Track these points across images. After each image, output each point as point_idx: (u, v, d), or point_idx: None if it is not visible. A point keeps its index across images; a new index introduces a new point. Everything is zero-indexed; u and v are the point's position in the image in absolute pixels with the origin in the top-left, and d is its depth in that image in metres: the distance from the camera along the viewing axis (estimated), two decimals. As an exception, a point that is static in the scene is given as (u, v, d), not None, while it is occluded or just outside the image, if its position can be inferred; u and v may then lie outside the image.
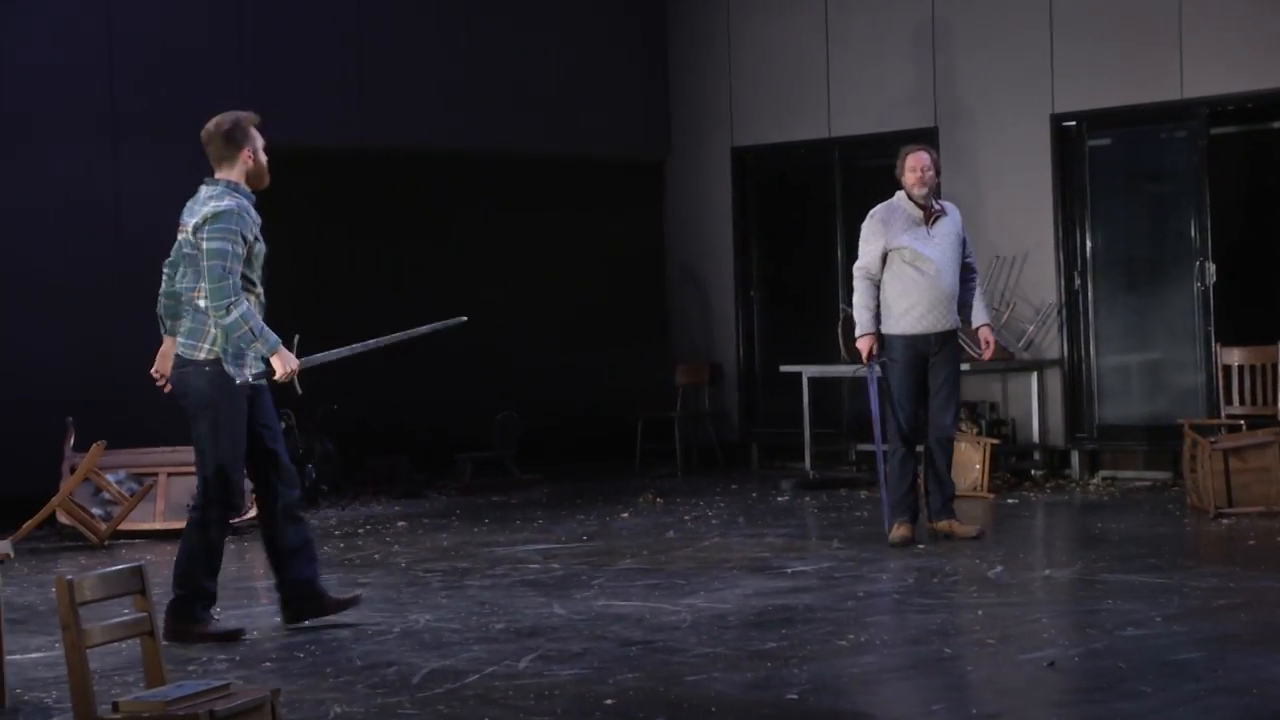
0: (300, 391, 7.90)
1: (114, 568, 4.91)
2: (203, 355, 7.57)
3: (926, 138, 13.92)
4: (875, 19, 14.23)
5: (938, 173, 10.00)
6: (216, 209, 7.56)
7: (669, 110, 15.43)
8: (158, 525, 11.40)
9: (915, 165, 9.87)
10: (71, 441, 11.46)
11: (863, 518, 11.26)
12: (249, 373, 7.62)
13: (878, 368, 9.89)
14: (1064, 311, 13.29)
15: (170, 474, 11.70)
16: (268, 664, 7.04)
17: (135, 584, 4.90)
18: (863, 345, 9.89)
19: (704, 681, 6.47)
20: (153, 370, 7.93)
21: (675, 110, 15.42)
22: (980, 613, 7.72)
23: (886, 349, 9.91)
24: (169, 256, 7.86)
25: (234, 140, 7.72)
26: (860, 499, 12.29)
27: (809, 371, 13.66)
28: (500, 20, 14.45)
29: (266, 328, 7.57)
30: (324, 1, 13.54)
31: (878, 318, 9.87)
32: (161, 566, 9.85)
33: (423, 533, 11.19)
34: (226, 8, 13.02)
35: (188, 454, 11.79)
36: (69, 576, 4.64)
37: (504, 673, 6.71)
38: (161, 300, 7.85)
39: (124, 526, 11.21)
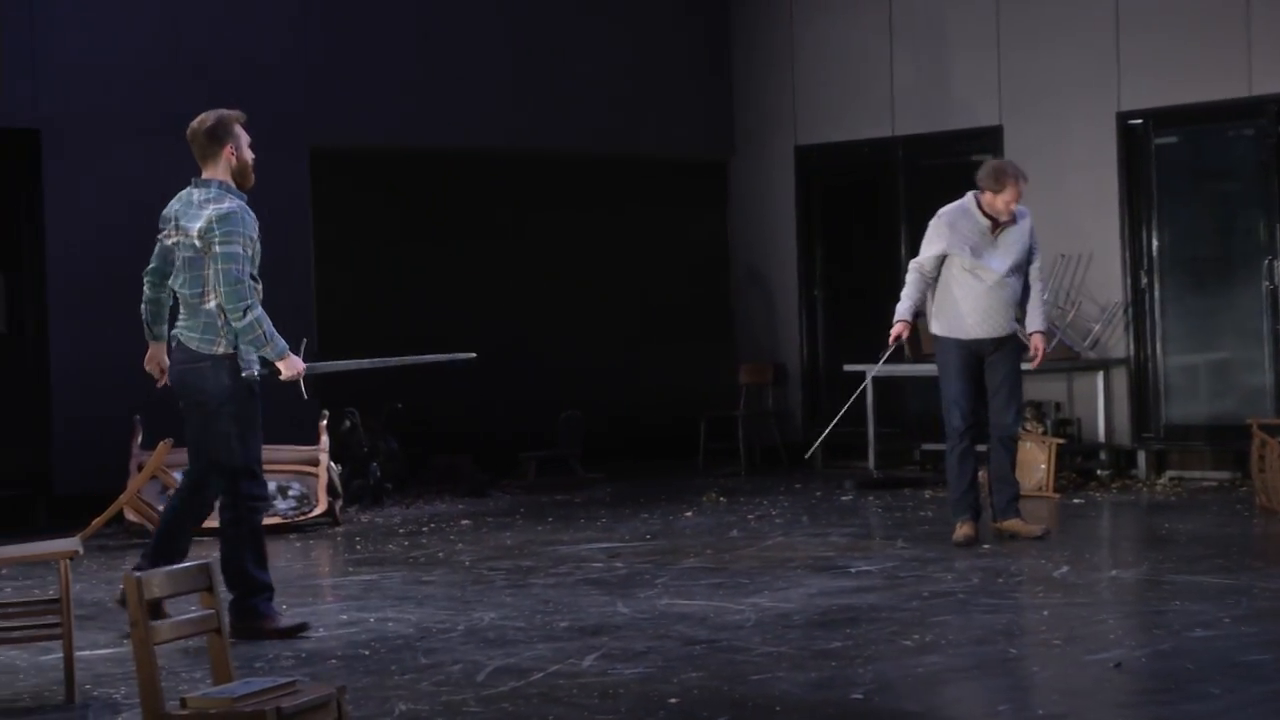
0: (305, 396, 8.07)
1: (182, 565, 4.95)
2: (221, 350, 7.63)
3: (990, 136, 13.86)
4: (940, 16, 14.17)
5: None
6: (220, 211, 7.61)
7: (732, 110, 15.41)
8: (224, 523, 11.46)
9: (1006, 199, 9.84)
10: (139, 439, 11.54)
11: (927, 517, 11.22)
12: (256, 369, 7.70)
13: (907, 354, 10.31)
14: (1130, 310, 13.20)
15: (236, 472, 11.75)
16: (333, 661, 7.08)
17: (202, 581, 4.94)
18: (895, 329, 9.98)
19: (768, 681, 6.46)
20: (152, 369, 7.96)
21: (738, 110, 15.40)
22: (1046, 613, 7.68)
23: (941, 350, 9.96)
24: (150, 264, 7.90)
25: (216, 137, 7.73)
26: (925, 498, 12.25)
27: (873, 371, 13.60)
28: (562, 20, 14.46)
29: (275, 332, 7.68)
30: (386, 2, 13.58)
31: (916, 311, 9.96)
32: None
33: (487, 531, 11.21)
34: (290, 8, 13.08)
35: (253, 452, 11.94)
36: (137, 574, 4.68)
37: (568, 671, 6.72)
38: (146, 307, 7.90)
39: (191, 524, 11.26)
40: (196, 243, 7.60)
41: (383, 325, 14.21)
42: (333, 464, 11.92)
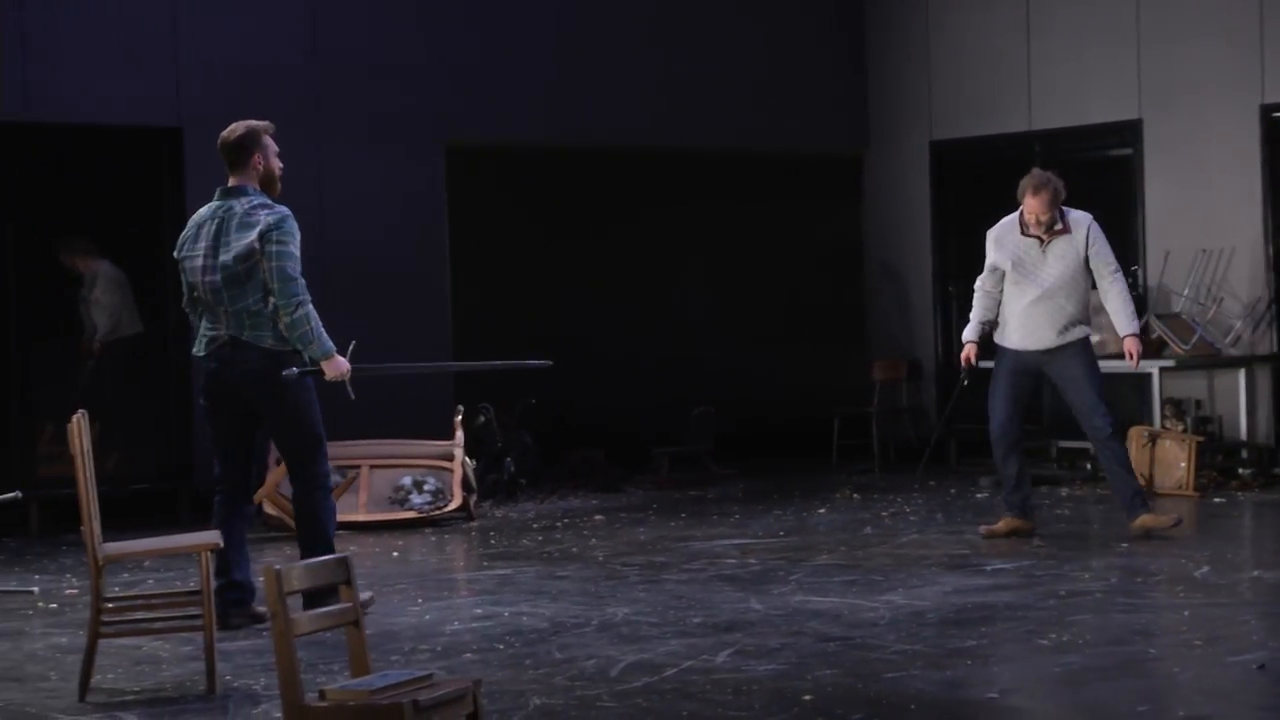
0: (352, 396, 8.25)
1: (321, 558, 5.00)
2: (293, 351, 7.92)
3: (1130, 130, 13.68)
4: (1078, 8, 14.00)
5: (1053, 205, 9.88)
6: (276, 216, 7.92)
7: (867, 105, 15.33)
8: (360, 517, 11.59)
9: (1029, 210, 9.92)
10: (278, 434, 11.68)
11: (1063, 515, 11.10)
12: (293, 369, 7.93)
13: (964, 378, 10.38)
14: (1275, 307, 12.97)
15: (372, 466, 11.89)
16: (468, 655, 7.12)
17: (341, 574, 4.99)
18: (964, 353, 10.19)
19: (903, 679, 6.42)
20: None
21: (874, 105, 15.32)
22: (1186, 613, 7.57)
23: (996, 358, 10.09)
24: (185, 300, 8.09)
25: (244, 147, 8.04)
26: (1061, 496, 12.12)
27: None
28: (697, 15, 14.46)
29: (324, 333, 7.91)
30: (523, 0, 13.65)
31: (985, 330, 10.12)
32: (364, 557, 10.04)
33: (620, 527, 11.24)
34: (427, 6, 13.18)
35: (390, 447, 12.08)
36: (277, 566, 4.73)
37: (701, 667, 6.72)
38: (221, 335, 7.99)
39: (328, 518, 11.39)
40: (256, 247, 7.84)
41: (516, 322, 14.30)
42: (468, 459, 12.00)
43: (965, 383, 10.68)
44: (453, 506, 11.75)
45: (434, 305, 13.09)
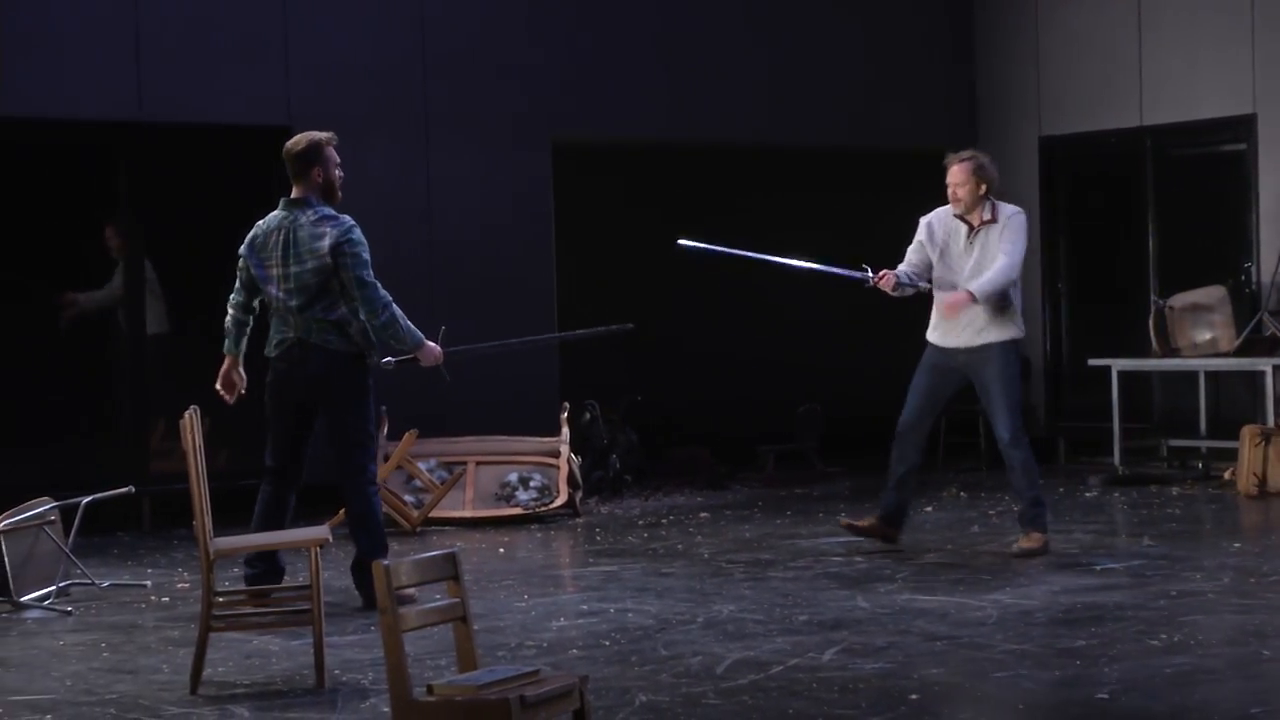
0: (448, 378, 8.77)
1: (429, 554, 5.03)
2: (355, 351, 8.31)
3: (1243, 125, 13.50)
4: (1190, 2, 13.84)
5: (982, 184, 9.55)
6: (344, 227, 8.28)
7: (975, 100, 15.22)
8: (467, 513, 11.65)
9: (948, 182, 9.60)
10: (385, 430, 11.77)
11: (1175, 515, 10.98)
12: (391, 360, 8.50)
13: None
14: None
15: (479, 463, 11.94)
16: (574, 651, 7.14)
17: (449, 570, 5.01)
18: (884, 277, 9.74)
19: (1011, 679, 6.37)
20: (225, 384, 8.52)
21: (982, 100, 15.21)
22: (1300, 615, 7.47)
23: (925, 352, 9.74)
24: (237, 296, 8.48)
25: (306, 159, 8.41)
26: (1172, 495, 11.98)
27: (1119, 365, 13.36)
28: (805, 13, 14.42)
29: (410, 324, 8.33)
30: (630, -2, 13.68)
31: (907, 278, 9.76)
32: (470, 554, 10.08)
33: (725, 524, 11.23)
34: (537, 4, 13.22)
35: (496, 444, 12.14)
36: (385, 562, 4.76)
37: (807, 665, 6.71)
38: (233, 328, 8.49)
39: (434, 514, 11.48)
40: (327, 260, 8.21)
41: (621, 318, 14.32)
42: (573, 456, 12.03)
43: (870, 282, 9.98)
44: (558, 503, 11.78)
45: (540, 302, 13.14)
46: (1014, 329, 9.56)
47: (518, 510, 11.70)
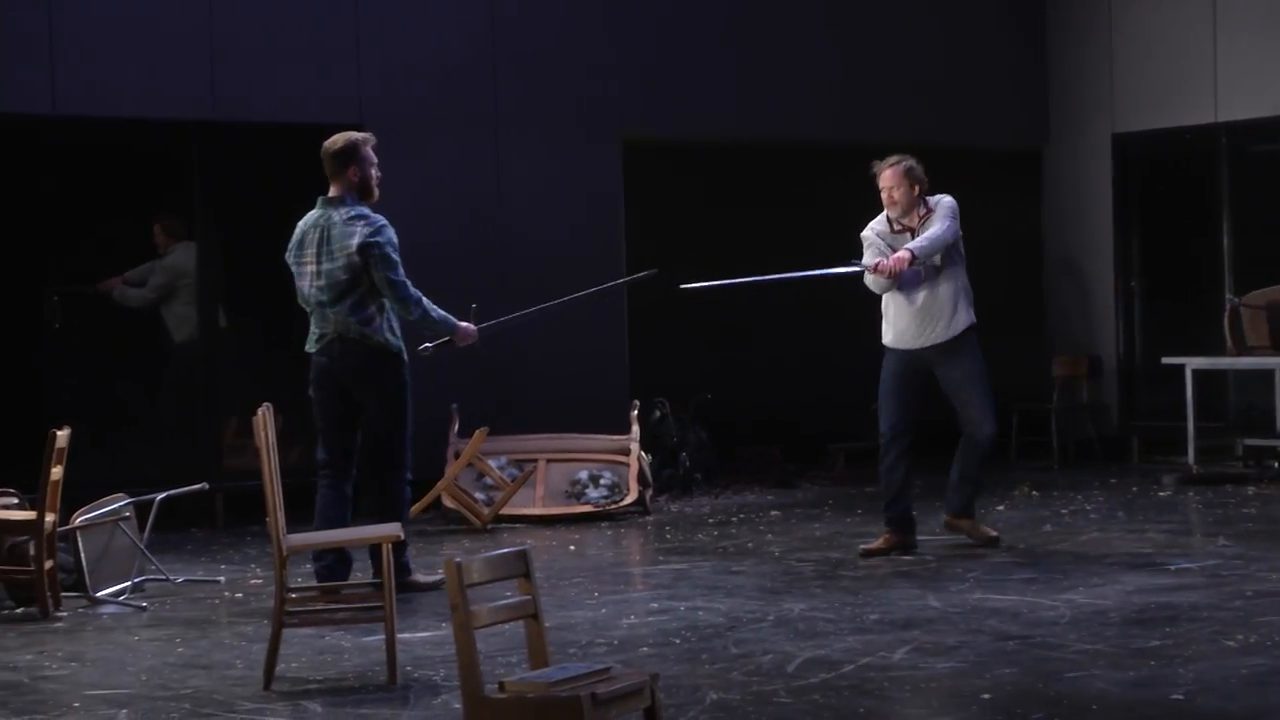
0: (485, 353, 9.33)
1: (500, 551, 5.04)
2: (397, 349, 8.64)
3: (1320, 121, 13.38)
4: (1266, -2, 13.72)
5: (915, 186, 9.63)
6: (374, 226, 8.56)
7: (1047, 97, 15.13)
8: (537, 510, 11.67)
9: (882, 187, 9.64)
10: (456, 428, 11.82)
11: (1251, 514, 10.88)
12: (428, 346, 8.92)
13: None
14: None
15: (549, 460, 11.96)
16: (645, 649, 7.14)
17: (520, 567, 5.02)
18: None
19: (1084, 679, 6.33)
20: None
21: (1054, 97, 15.11)
22: (1378, 616, 7.38)
23: (885, 359, 9.71)
24: (301, 299, 8.76)
25: (342, 158, 8.64)
26: (1248, 495, 11.87)
27: (1193, 363, 13.24)
28: (875, 8, 14.37)
29: (440, 312, 8.71)
30: (700, -5, 13.67)
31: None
32: (541, 551, 10.10)
33: (795, 522, 11.21)
34: (608, 2, 13.23)
35: (567, 441, 12.15)
36: (457, 559, 4.78)
37: (879, 664, 6.68)
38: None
39: (505, 511, 11.51)
40: (356, 259, 8.48)
41: (689, 316, 14.31)
42: (643, 454, 12.04)
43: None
44: (628, 501, 11.79)
45: (610, 299, 13.14)
46: (972, 312, 9.69)
47: (588, 508, 11.71)
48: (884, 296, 9.69)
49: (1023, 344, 15.32)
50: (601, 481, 11.88)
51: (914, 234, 9.62)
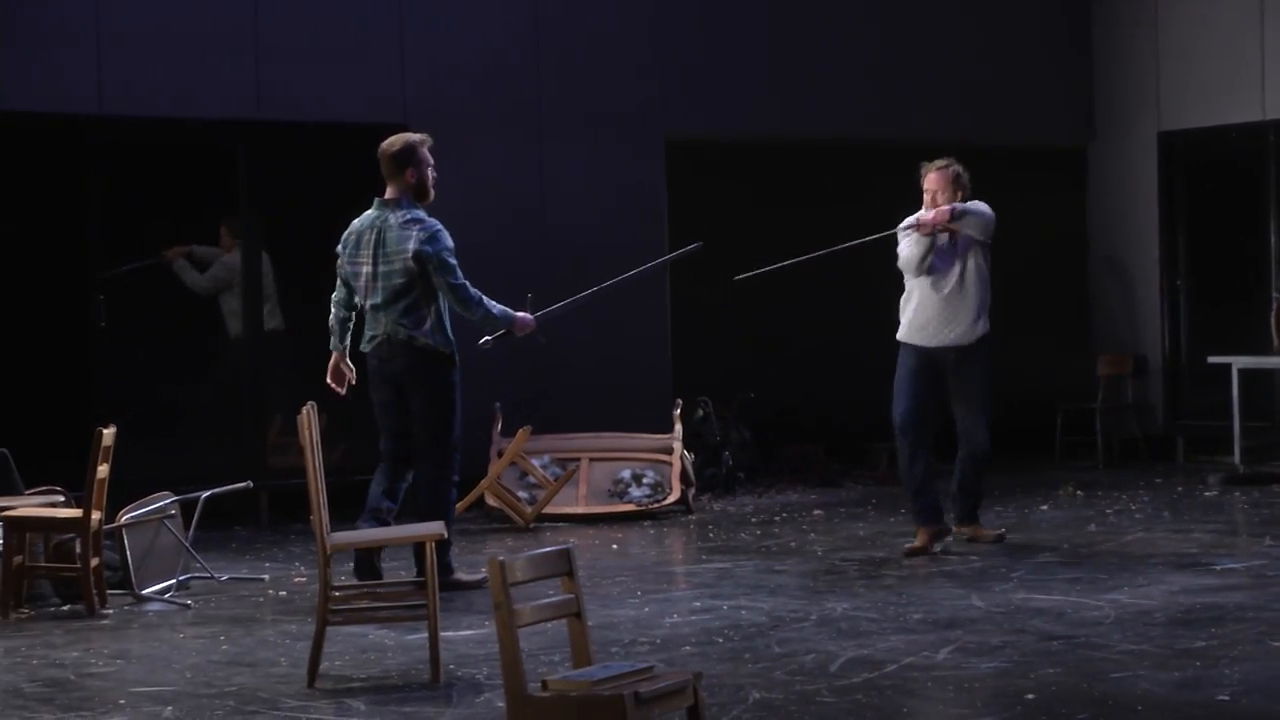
0: (544, 342, 9.42)
1: (543, 550, 5.04)
2: (447, 351, 8.72)
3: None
4: (1314, -7, 13.63)
5: (959, 192, 9.67)
6: (429, 231, 8.69)
7: (1093, 94, 15.06)
8: (580, 509, 11.68)
9: (926, 189, 9.69)
10: (499, 427, 11.83)
11: (1297, 515, 10.82)
12: (488, 339, 8.99)
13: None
14: None
15: (592, 459, 11.97)
16: (687, 648, 7.14)
17: (563, 566, 5.03)
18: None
19: (1129, 679, 6.30)
20: (335, 377, 8.90)
21: (1099, 94, 15.04)
22: None
23: (900, 356, 9.74)
24: (338, 293, 8.91)
25: (400, 160, 8.78)
26: (1294, 495, 11.81)
27: (1239, 363, 13.17)
28: (918, 6, 14.33)
29: (499, 307, 8.86)
30: (743, -7, 13.65)
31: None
32: (584, 550, 10.10)
33: (838, 522, 11.19)
34: (650, 2, 13.22)
35: (610, 440, 12.16)
36: (500, 558, 4.78)
37: (922, 664, 6.67)
38: (336, 325, 8.92)
39: (548, 510, 11.52)
40: (412, 264, 8.62)
41: (733, 315, 14.31)
42: (686, 452, 12.03)
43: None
44: (671, 500, 11.79)
45: (653, 298, 13.14)
46: (989, 326, 9.80)
47: (631, 507, 11.72)
48: (906, 290, 9.67)
49: (1067, 343, 15.26)
50: (644, 480, 11.88)
51: (951, 236, 9.59)
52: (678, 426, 12.10)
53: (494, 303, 8.86)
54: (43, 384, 11.59)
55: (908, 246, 9.65)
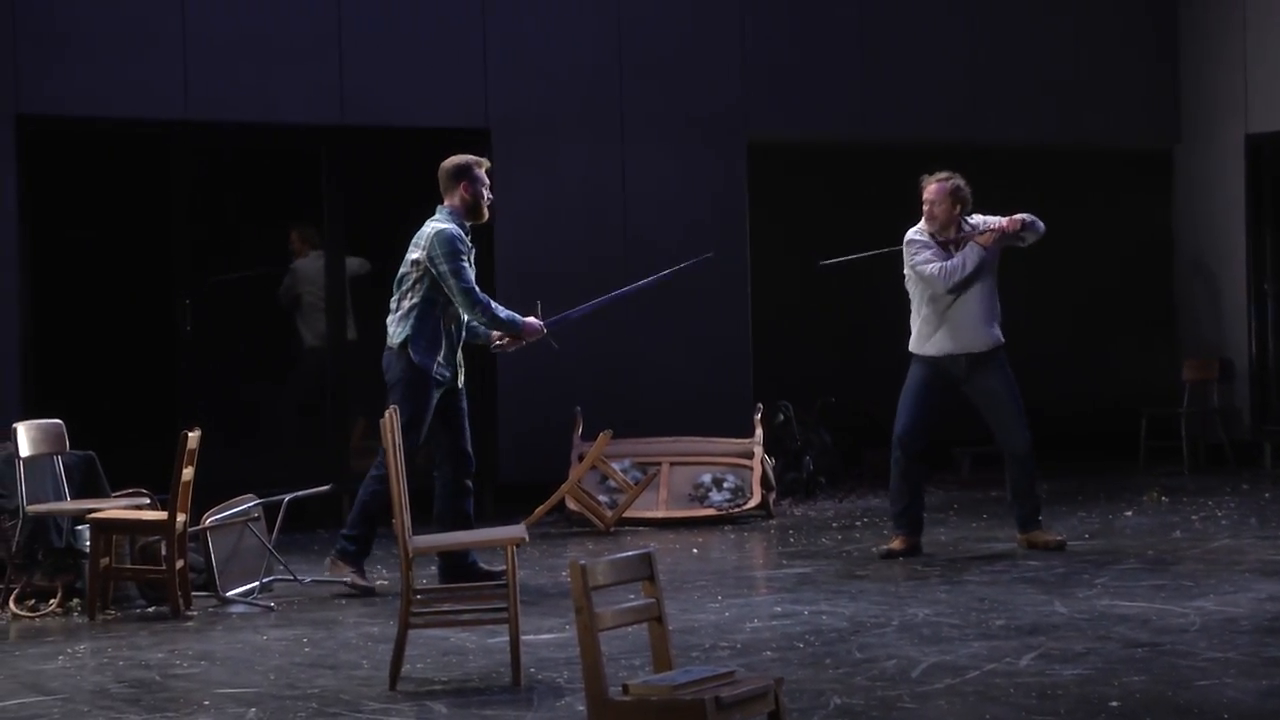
0: (556, 347, 9.63)
1: (624, 554, 5.04)
2: (398, 344, 8.94)
3: None
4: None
5: (957, 205, 9.62)
6: (437, 230, 8.90)
7: (1179, 96, 14.93)
8: (660, 513, 11.68)
9: (924, 199, 9.69)
10: (579, 430, 11.85)
11: (1387, 522, 10.67)
12: (441, 370, 8.98)
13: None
14: None
15: (672, 463, 11.97)
16: (768, 653, 7.13)
17: (644, 570, 5.02)
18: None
19: (1214, 687, 6.24)
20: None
21: (1186, 96, 14.91)
22: None
23: (911, 369, 9.75)
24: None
25: (455, 176, 9.05)
26: (1384, 502, 11.66)
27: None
28: (1003, 8, 14.25)
29: (506, 311, 9.04)
30: (826, -4, 13.62)
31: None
32: (664, 554, 10.10)
33: (921, 527, 11.13)
34: (731, 5, 13.21)
35: (690, 444, 12.16)
36: (582, 561, 4.79)
37: (1004, 670, 6.63)
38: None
39: (628, 514, 11.52)
40: (423, 258, 8.86)
41: (815, 318, 14.29)
42: (767, 457, 12.01)
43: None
44: (752, 504, 11.77)
45: (734, 301, 13.13)
46: (1001, 334, 9.79)
47: (711, 511, 11.70)
48: (915, 301, 9.79)
49: (1152, 347, 15.14)
50: (725, 485, 11.87)
51: (955, 247, 9.67)
52: (759, 430, 12.08)
53: (501, 307, 9.06)
54: (129, 388, 11.71)
55: (950, 274, 9.62)
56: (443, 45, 12.25)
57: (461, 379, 9.10)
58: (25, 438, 8.86)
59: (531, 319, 9.15)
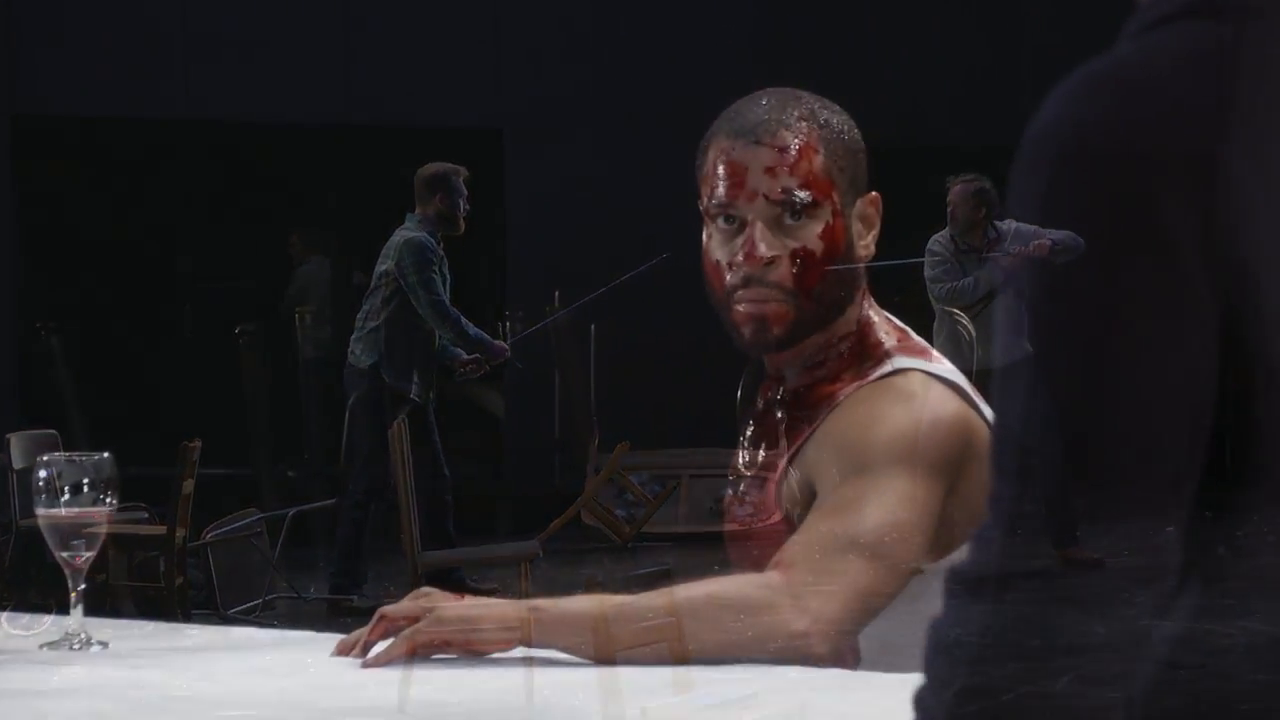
0: (520, 366, 9.65)
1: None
2: (365, 367, 8.74)
3: None
4: None
5: (982, 208, 9.30)
6: (406, 239, 8.69)
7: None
8: (679, 528, 11.45)
9: (948, 201, 9.41)
10: (596, 442, 11.65)
11: None
12: (418, 391, 8.70)
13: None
14: None
15: (692, 476, 11.77)
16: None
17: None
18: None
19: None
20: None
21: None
22: None
23: None
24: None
25: (431, 185, 8.83)
26: None
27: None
28: (1004, 10, 14.14)
29: (475, 329, 8.78)
30: None
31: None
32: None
33: (948, 542, 10.89)
34: (745, 8, 13.12)
35: (709, 456, 11.90)
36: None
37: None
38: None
39: (647, 528, 11.32)
40: (392, 268, 8.65)
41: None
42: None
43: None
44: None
45: (754, 312, 12.96)
46: None
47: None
48: (938, 316, 9.47)
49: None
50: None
51: (979, 253, 9.38)
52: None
53: (470, 325, 8.82)
54: (127, 394, 11.54)
55: (978, 281, 9.37)
56: (453, 45, 12.16)
57: (433, 396, 8.88)
58: (18, 449, 8.63)
59: (499, 341, 9.06)
